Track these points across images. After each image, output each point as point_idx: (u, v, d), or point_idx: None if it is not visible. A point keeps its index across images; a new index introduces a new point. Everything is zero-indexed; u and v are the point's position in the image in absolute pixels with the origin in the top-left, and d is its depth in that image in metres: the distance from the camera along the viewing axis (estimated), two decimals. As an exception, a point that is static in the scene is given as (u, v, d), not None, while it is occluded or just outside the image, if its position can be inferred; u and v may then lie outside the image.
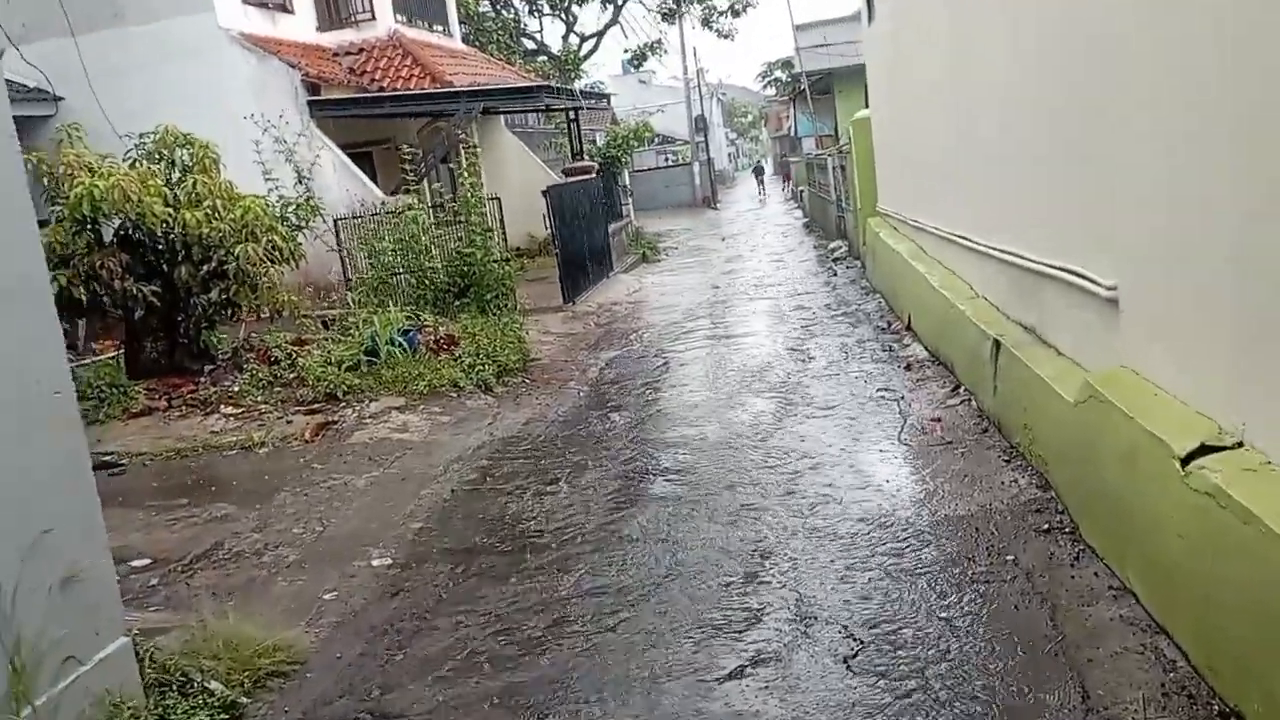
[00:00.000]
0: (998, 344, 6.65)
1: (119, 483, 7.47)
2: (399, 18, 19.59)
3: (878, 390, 8.38)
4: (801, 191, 33.42)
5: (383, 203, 12.95)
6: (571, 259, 16.53)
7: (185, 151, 9.95)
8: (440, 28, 21.89)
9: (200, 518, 6.41)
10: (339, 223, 14.12)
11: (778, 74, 42.44)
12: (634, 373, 10.75)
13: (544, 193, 15.62)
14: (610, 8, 32.34)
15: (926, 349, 9.49)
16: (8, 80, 12.60)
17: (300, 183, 10.59)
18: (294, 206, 10.43)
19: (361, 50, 18.46)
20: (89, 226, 8.95)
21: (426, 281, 11.30)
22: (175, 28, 15.61)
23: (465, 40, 26.71)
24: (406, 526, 6.04)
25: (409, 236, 11.46)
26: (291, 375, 9.33)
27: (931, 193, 10.25)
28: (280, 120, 12.30)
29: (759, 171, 55.76)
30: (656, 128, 35.49)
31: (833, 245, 20.94)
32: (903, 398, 7.99)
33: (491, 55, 25.29)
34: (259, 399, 8.98)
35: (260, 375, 9.30)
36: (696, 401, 8.89)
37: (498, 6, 31.14)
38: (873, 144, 15.57)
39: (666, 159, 54.27)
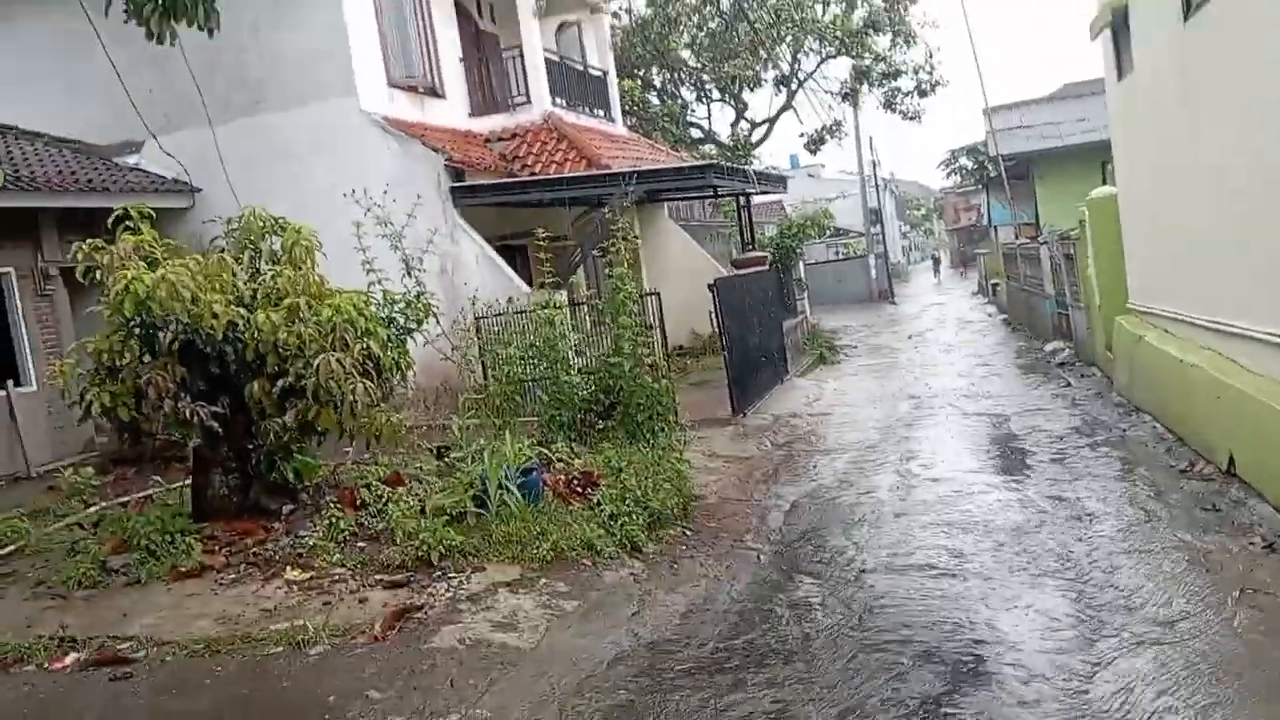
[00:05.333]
0: None
1: (111, 694, 5.28)
2: (557, 101, 18.03)
3: (1240, 590, 5.31)
4: (996, 285, 29.96)
5: (509, 300, 10.80)
6: (742, 362, 13.97)
7: (277, 239, 8.08)
8: (601, 112, 20.27)
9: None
10: (480, 321, 12.17)
11: (963, 160, 39.23)
12: (829, 523, 7.99)
13: (711, 286, 13.24)
14: (784, 91, 30.35)
15: (1285, 513, 6.33)
16: (146, 172, 11.30)
17: (409, 275, 8.56)
18: (404, 304, 8.36)
19: (515, 135, 16.90)
20: (139, 331, 7.09)
21: (562, 398, 8.97)
22: (317, 113, 14.50)
23: (629, 129, 25.27)
24: None
25: (543, 341, 9.20)
26: (380, 526, 7.08)
27: (1272, 282, 7.17)
28: (387, 200, 10.30)
29: (936, 261, 58.52)
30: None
31: (1050, 347, 17.66)
32: (1295, 611, 4.92)
33: (656, 143, 23.55)
34: (334, 559, 6.73)
35: (340, 525, 7.08)
36: (936, 588, 6.04)
37: (664, 97, 29.72)
38: (1120, 227, 12.49)
39: (837, 252, 51.62)
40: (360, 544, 7.01)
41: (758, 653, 5.29)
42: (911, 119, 30.54)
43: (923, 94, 29.98)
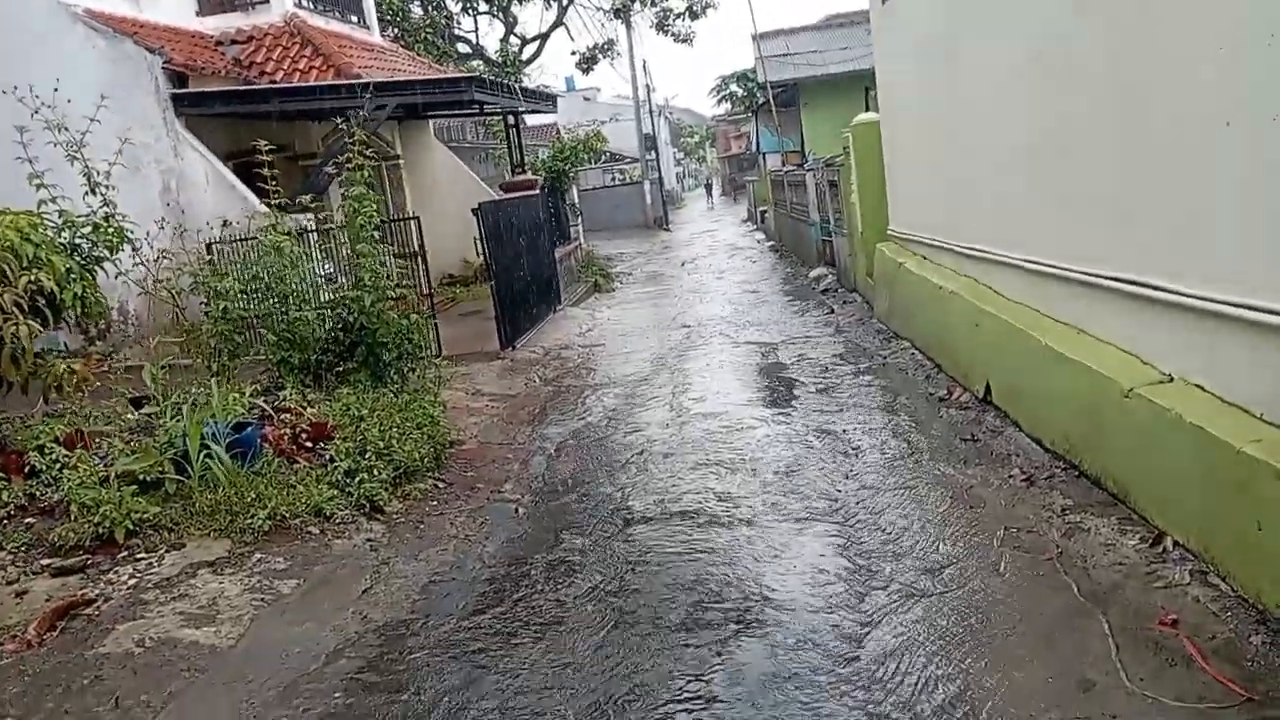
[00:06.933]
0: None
1: None
2: (302, 2, 16.19)
3: (1004, 530, 5.15)
4: (765, 213, 30.47)
5: (224, 224, 9.33)
6: (511, 292, 13.20)
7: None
8: (355, 18, 18.49)
9: None
10: (213, 248, 10.61)
11: (733, 87, 39.44)
12: (596, 467, 7.44)
13: (475, 210, 12.28)
14: (555, 6, 29.11)
15: (1041, 444, 6.31)
16: None
17: (93, 192, 7.04)
18: (90, 229, 6.92)
19: (251, 38, 15.00)
20: None
21: (293, 338, 7.78)
22: (4, 3, 12.15)
23: (392, 40, 23.34)
24: None
25: (270, 271, 7.95)
26: (56, 497, 5.84)
27: (1032, 211, 7.13)
28: (98, 108, 8.57)
29: (709, 188, 60.80)
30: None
31: (815, 273, 17.97)
32: (1060, 550, 4.77)
33: (418, 56, 21.87)
34: (-10, 542, 5.48)
35: (3, 497, 5.77)
36: (703, 539, 5.59)
37: (426, 6, 27.72)
38: (883, 153, 12.54)
39: (614, 178, 51.27)
40: (29, 520, 5.76)
41: (506, 630, 4.63)
42: (683, 42, 30.18)
43: (694, 16, 29.62)
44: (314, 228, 10.89)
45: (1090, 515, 5.10)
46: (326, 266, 10.17)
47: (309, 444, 6.59)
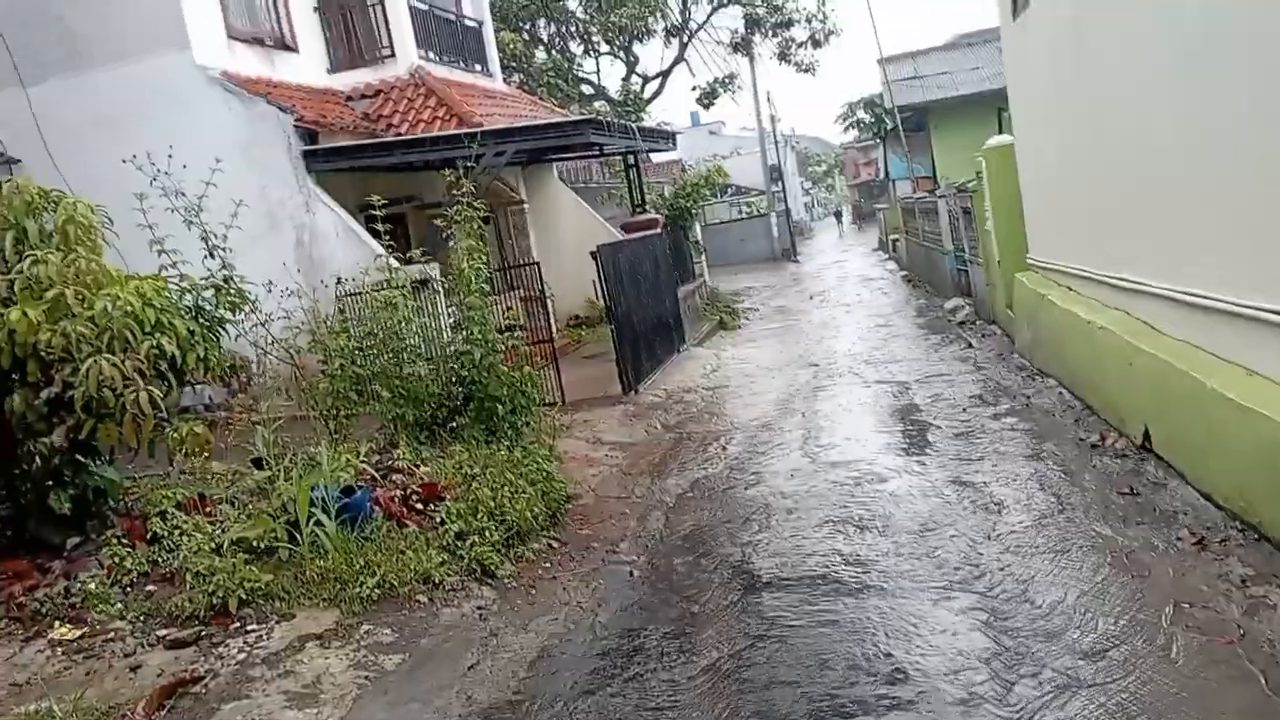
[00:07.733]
0: None
1: None
2: (429, 55, 16.62)
3: (1173, 605, 4.52)
4: (896, 241, 29.56)
5: (337, 281, 9.42)
6: (632, 334, 13.01)
7: (49, 217, 6.72)
8: (478, 66, 18.88)
9: None
10: (342, 301, 10.83)
11: (860, 114, 38.67)
12: (715, 524, 7.08)
13: (593, 254, 12.18)
14: (675, 43, 29.12)
15: (1212, 500, 5.60)
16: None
17: (211, 256, 7.21)
18: (212, 290, 7.07)
19: (379, 92, 15.47)
20: None
21: (407, 394, 7.74)
22: (146, 70, 12.82)
23: (519, 87, 23.82)
24: None
25: (383, 327, 7.95)
26: (176, 564, 5.88)
27: (1191, 235, 6.44)
28: (231, 167, 8.84)
29: (839, 216, 62.11)
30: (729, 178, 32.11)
31: (950, 305, 17.17)
32: (1242, 632, 4.13)
33: (542, 99, 22.20)
34: (114, 610, 5.52)
35: (127, 564, 5.86)
36: (830, 611, 5.14)
37: (550, 50, 28.18)
38: (1019, 177, 11.82)
39: (740, 211, 50.99)
40: (150, 587, 5.82)
41: (617, 715, 4.32)
42: (806, 71, 29.71)
43: (816, 44, 29.13)
44: (438, 277, 10.97)
45: (1276, 588, 4.43)
46: (452, 315, 10.21)
47: (419, 505, 6.48)
